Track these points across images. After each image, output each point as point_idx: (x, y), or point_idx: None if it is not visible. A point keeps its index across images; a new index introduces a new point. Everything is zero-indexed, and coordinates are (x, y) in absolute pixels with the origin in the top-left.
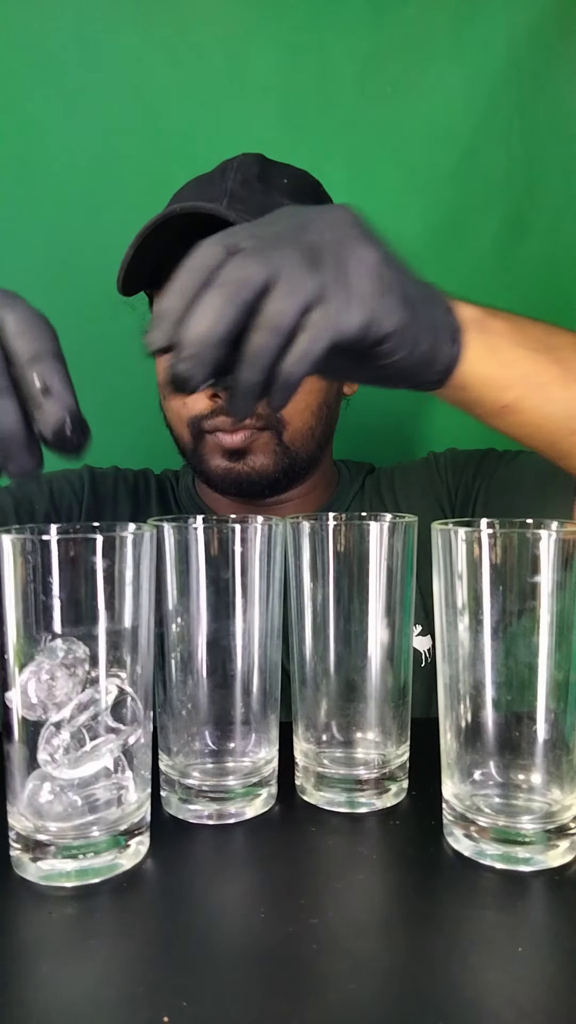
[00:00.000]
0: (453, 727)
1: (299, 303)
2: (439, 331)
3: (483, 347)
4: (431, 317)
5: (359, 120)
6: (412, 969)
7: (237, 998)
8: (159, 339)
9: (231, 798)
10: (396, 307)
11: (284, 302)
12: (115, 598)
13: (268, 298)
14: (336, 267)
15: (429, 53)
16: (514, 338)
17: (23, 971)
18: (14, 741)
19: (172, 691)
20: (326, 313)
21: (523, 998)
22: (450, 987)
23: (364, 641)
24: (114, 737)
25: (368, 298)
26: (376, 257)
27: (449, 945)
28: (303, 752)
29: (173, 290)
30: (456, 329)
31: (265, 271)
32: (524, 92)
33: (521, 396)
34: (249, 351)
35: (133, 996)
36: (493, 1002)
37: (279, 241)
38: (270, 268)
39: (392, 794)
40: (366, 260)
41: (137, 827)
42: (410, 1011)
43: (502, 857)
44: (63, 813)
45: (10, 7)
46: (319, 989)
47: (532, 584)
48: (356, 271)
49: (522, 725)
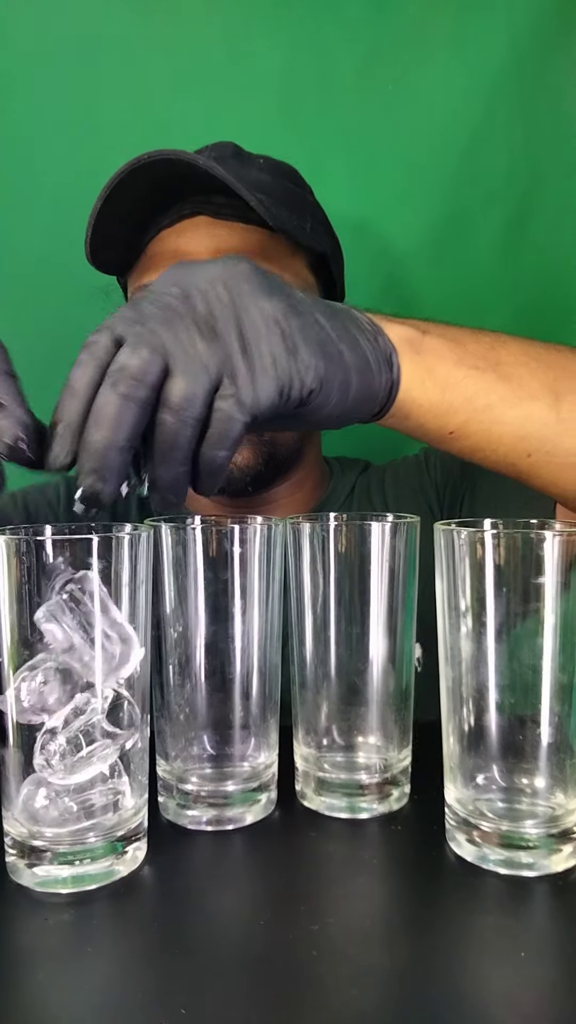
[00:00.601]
0: (456, 731)
1: (204, 385)
2: (370, 362)
3: (420, 370)
4: (357, 351)
5: (359, 118)
6: (414, 975)
7: (236, 1005)
8: (61, 456)
9: (230, 803)
10: (312, 360)
11: (188, 388)
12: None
13: (169, 386)
14: (235, 333)
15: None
16: (453, 356)
17: (19, 978)
18: (9, 746)
19: (170, 695)
20: (236, 388)
21: (526, 1004)
22: (452, 993)
23: (366, 643)
24: (110, 742)
25: (278, 359)
26: (276, 310)
27: (451, 951)
28: (303, 756)
29: (66, 391)
30: (390, 353)
31: (159, 355)
32: (525, 89)
33: (467, 420)
34: (161, 446)
35: (131, 1003)
36: (496, 1008)
37: (167, 317)
38: (163, 350)
39: (394, 799)
40: (266, 317)
41: (134, 833)
42: (412, 1017)
43: (505, 862)
44: (59, 818)
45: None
46: (319, 996)
47: (536, 586)
48: (257, 333)
49: (525, 729)
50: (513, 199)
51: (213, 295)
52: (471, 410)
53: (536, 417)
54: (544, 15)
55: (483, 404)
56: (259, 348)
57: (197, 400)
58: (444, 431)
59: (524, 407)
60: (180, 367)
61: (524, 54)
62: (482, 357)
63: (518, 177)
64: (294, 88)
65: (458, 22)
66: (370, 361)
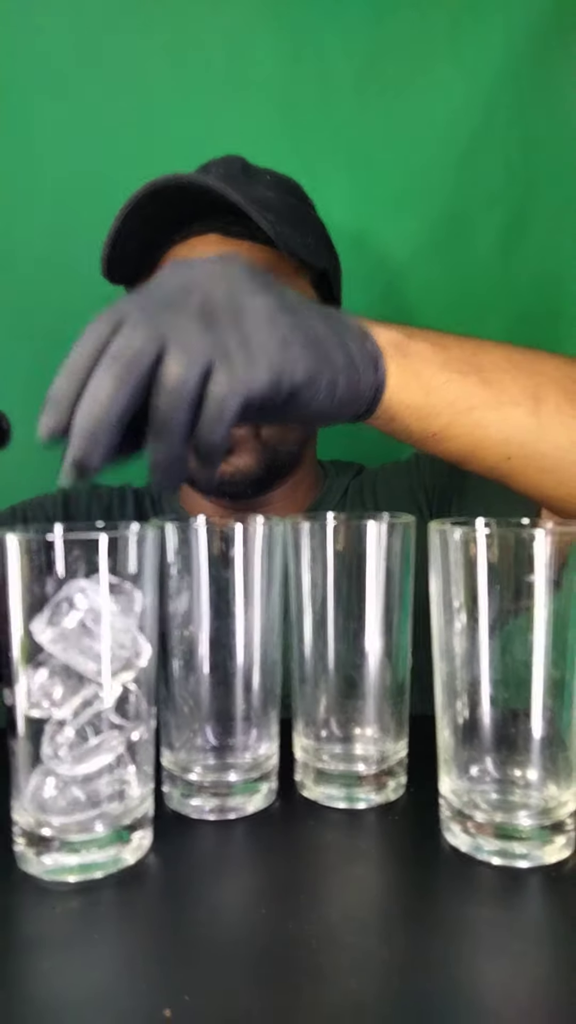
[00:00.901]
0: (450, 724)
1: (198, 367)
2: (357, 363)
3: (406, 373)
4: (346, 351)
5: (358, 120)
6: (410, 964)
7: (238, 992)
8: (51, 423)
9: (232, 793)
10: (302, 354)
11: (181, 369)
12: None
13: (164, 367)
14: (231, 323)
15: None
16: (438, 360)
17: (27, 965)
18: (18, 737)
19: (174, 688)
20: (230, 372)
21: (520, 993)
22: (448, 982)
23: (363, 639)
24: (118, 733)
25: (270, 350)
26: (271, 306)
27: (447, 940)
28: (302, 748)
29: (63, 370)
30: (377, 355)
31: (155, 340)
32: (523, 91)
33: (449, 423)
34: (155, 426)
35: (135, 990)
36: (490, 997)
37: (166, 306)
38: (159, 336)
39: (391, 790)
40: (260, 311)
41: (140, 822)
42: (409, 1006)
43: (499, 853)
44: (66, 808)
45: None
46: (319, 984)
47: (528, 583)
48: (253, 324)
49: (518, 722)
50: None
51: (211, 288)
52: (453, 413)
53: (516, 421)
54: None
55: (465, 407)
56: (253, 338)
57: (191, 380)
58: (427, 433)
59: (505, 411)
60: (174, 351)
61: (521, 59)
62: (465, 362)
63: (516, 181)
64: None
65: (455, 28)
66: (357, 362)
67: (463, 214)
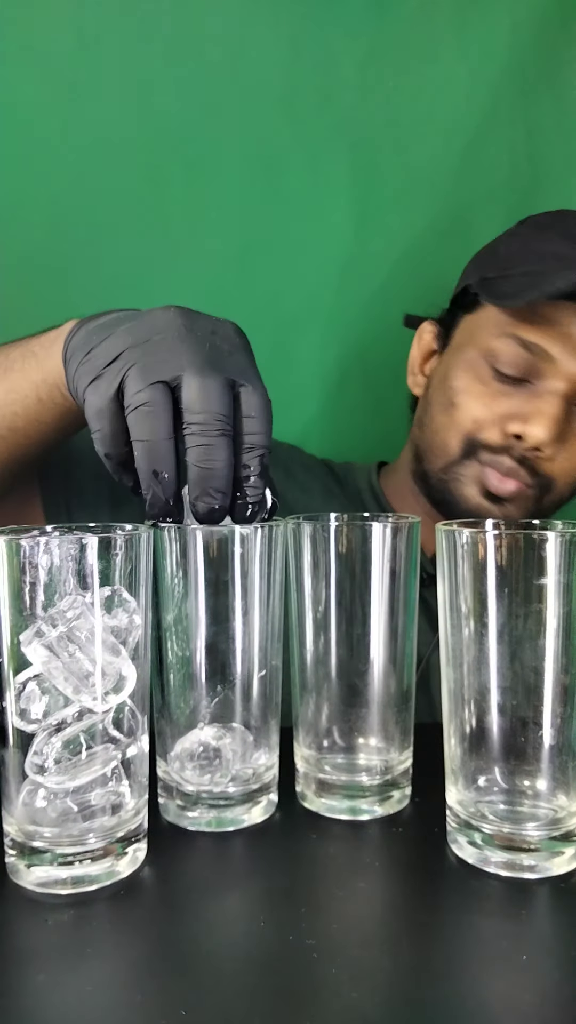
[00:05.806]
0: (457, 732)
1: None
2: None
3: None
4: None
5: (361, 116)
6: (415, 978)
7: (236, 1007)
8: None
9: (230, 805)
10: None
11: None
12: None
13: None
14: None
15: (431, 49)
16: None
17: (19, 979)
18: (9, 747)
19: (170, 696)
20: None
21: (527, 1007)
22: (453, 996)
23: (366, 644)
24: (112, 747)
25: None
26: None
27: (452, 954)
28: (304, 758)
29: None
30: None
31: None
32: (527, 85)
33: None
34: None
35: (130, 1004)
36: (497, 1011)
37: None
38: None
39: (395, 801)
40: None
41: (134, 834)
42: (412, 1020)
43: (507, 864)
44: (57, 819)
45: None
46: (320, 998)
47: (538, 586)
48: None
49: (527, 730)
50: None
51: None
52: None
53: None
54: (545, 13)
55: None
56: None
57: None
58: None
59: None
60: None
61: (525, 52)
62: None
63: (520, 173)
64: (294, 87)
65: (459, 20)
66: None
67: (467, 206)
